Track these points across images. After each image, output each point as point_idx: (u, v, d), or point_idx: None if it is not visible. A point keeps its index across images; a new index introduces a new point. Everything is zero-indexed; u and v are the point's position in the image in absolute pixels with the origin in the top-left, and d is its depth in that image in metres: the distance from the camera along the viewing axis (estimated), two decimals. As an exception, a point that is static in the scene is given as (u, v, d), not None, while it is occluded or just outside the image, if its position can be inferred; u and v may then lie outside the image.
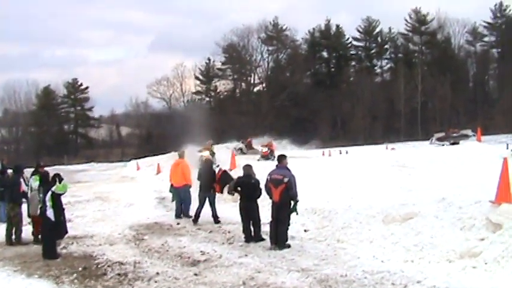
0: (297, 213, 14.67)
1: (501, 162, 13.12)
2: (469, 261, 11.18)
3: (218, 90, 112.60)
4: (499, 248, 10.95)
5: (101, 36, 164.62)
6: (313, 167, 27.82)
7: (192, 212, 19.69)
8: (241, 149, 49.21)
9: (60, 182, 14.22)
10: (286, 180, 14.09)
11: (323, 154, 47.98)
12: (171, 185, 21.21)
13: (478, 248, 11.40)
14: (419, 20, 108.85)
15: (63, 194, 14.44)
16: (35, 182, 16.43)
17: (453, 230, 12.68)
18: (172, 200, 21.35)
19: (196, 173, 20.18)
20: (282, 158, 15.09)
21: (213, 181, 19.18)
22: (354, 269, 11.70)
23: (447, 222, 13.14)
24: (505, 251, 10.73)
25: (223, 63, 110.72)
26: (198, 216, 18.87)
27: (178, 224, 19.01)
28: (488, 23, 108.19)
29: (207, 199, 19.04)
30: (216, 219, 18.84)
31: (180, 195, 20.55)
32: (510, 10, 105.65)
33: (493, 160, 21.36)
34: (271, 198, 14.48)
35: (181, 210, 20.35)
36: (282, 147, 55.53)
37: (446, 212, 13.65)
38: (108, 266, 12.83)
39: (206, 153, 35.14)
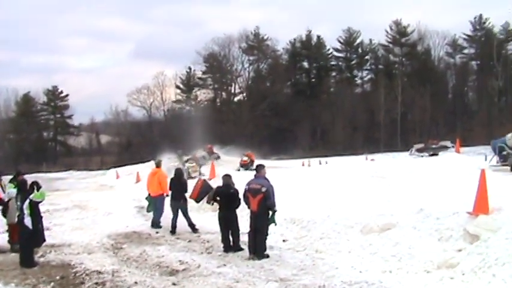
0: (275, 224, 14.70)
1: (479, 173, 13.22)
2: (446, 272, 11.23)
3: (199, 100, 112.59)
4: (476, 259, 11.02)
5: (81, 43, 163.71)
6: (293, 177, 27.88)
7: (162, 222, 19.82)
8: (204, 157, 49.35)
9: (38, 190, 14.15)
10: (264, 190, 14.07)
11: (303, 164, 48.03)
12: (149, 194, 21.16)
13: (456, 259, 11.46)
14: (399, 32, 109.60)
15: (41, 202, 14.36)
16: (9, 189, 16.34)
17: (431, 241, 12.76)
18: (148, 210, 21.34)
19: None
20: (260, 167, 15.09)
21: (183, 191, 19.25)
22: (332, 279, 11.71)
23: (425, 233, 13.23)
24: (482, 262, 10.79)
25: (204, 73, 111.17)
26: (175, 226, 18.83)
27: (157, 233, 18.95)
28: (468, 35, 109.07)
29: (180, 209, 19.07)
30: (193, 227, 18.84)
31: (156, 204, 20.52)
32: (489, 23, 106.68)
33: (471, 171, 21.43)
34: (249, 208, 14.50)
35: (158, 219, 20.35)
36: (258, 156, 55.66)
37: (424, 223, 13.73)
38: (86, 275, 12.75)
39: (193, 164, 35.31)
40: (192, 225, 18.92)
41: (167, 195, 20.07)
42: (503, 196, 13.89)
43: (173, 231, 18.64)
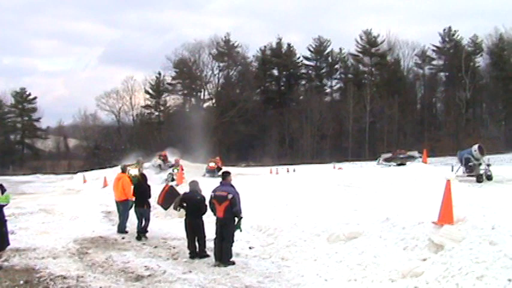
0: (241, 230, 14.68)
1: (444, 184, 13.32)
2: (411, 281, 11.29)
3: (168, 105, 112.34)
4: (440, 269, 11.10)
5: (50, 46, 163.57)
6: (260, 184, 27.91)
7: (129, 228, 19.73)
8: (160, 165, 48.96)
9: (2, 193, 14.00)
10: (230, 197, 14.08)
11: (271, 172, 48.14)
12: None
13: (420, 268, 11.53)
14: (369, 42, 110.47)
15: (5, 205, 14.21)
16: None
17: (396, 250, 12.81)
18: None
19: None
20: (226, 174, 15.11)
21: (147, 196, 19.17)
22: (298, 287, 11.75)
23: (391, 242, 13.28)
24: (445, 271, 10.87)
25: (173, 78, 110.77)
26: (140, 232, 18.77)
27: (123, 238, 18.83)
28: (437, 47, 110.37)
29: (142, 214, 19.01)
30: (144, 232, 18.73)
31: (120, 210, 20.40)
32: (458, 35, 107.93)
33: (437, 182, 21.58)
34: (215, 214, 14.48)
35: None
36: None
37: (390, 232, 13.79)
38: (51, 280, 12.62)
39: (135, 171, 35.22)
40: (144, 230, 18.83)
41: (133, 202, 19.93)
42: (468, 206, 14.01)
43: (139, 236, 18.57)
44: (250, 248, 16.25)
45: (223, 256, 14.08)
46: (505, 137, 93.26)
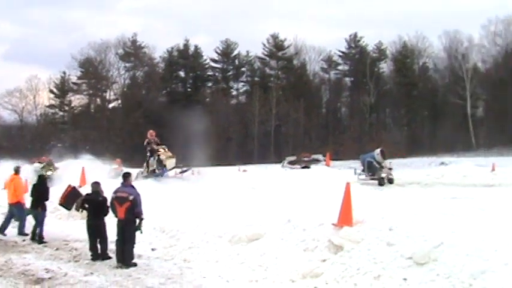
0: (141, 232, 14.57)
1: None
2: (311, 281, 11.50)
3: (72, 105, 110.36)
4: (339, 269, 11.35)
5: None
6: (163, 185, 27.79)
7: (28, 230, 19.22)
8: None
9: None
10: (131, 198, 14.03)
11: (175, 174, 47.94)
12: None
13: (320, 269, 11.75)
14: (276, 45, 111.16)
15: None
16: None
17: (297, 251, 12.99)
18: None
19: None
20: (127, 176, 15.05)
21: (43, 199, 18.76)
22: (199, 288, 11.79)
23: (292, 243, 13.46)
24: (344, 272, 11.13)
25: (79, 78, 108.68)
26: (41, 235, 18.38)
27: (23, 240, 18.45)
28: (343, 52, 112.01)
29: (36, 217, 18.59)
30: (41, 239, 18.08)
31: (13, 212, 19.91)
32: (363, 41, 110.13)
33: (339, 184, 21.94)
34: (116, 216, 14.37)
35: (6, 226, 19.73)
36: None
37: (291, 234, 13.96)
38: None
39: (47, 172, 34.54)
40: (40, 236, 18.20)
41: (23, 204, 19.49)
42: (367, 209, 14.31)
43: (33, 238, 18.19)
44: (152, 249, 16.20)
45: (125, 258, 13.99)
46: (407, 141, 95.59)
